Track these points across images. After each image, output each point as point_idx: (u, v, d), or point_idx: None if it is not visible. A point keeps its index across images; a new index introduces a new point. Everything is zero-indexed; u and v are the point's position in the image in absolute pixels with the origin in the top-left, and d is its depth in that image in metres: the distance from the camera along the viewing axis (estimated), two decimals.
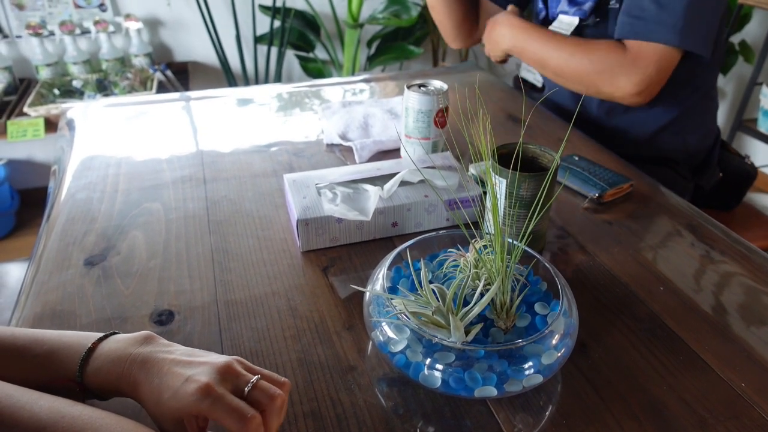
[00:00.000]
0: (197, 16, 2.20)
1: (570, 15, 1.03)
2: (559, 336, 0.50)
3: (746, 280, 0.67)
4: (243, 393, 0.42)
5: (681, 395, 0.52)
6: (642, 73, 0.92)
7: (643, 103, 0.96)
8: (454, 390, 0.48)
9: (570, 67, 0.98)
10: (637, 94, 0.93)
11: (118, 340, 0.46)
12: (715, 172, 1.18)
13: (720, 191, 1.22)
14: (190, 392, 0.41)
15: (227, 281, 0.66)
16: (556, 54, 0.98)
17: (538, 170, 0.63)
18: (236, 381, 0.43)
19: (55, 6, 2.10)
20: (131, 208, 0.79)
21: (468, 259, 0.55)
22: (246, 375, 0.43)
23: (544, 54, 1.00)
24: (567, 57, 0.97)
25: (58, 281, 0.66)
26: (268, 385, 0.43)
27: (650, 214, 0.79)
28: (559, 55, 0.98)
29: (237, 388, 0.43)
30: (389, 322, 0.51)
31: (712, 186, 1.18)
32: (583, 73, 0.96)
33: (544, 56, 1.01)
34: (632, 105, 0.97)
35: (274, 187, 0.84)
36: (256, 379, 0.43)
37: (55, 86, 2.04)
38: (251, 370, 0.45)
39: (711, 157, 1.17)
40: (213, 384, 0.41)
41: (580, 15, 1.02)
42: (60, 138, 1.02)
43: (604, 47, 0.95)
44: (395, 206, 0.71)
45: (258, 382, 0.43)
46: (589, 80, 0.96)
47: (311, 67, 2.38)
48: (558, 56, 0.98)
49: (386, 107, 1.05)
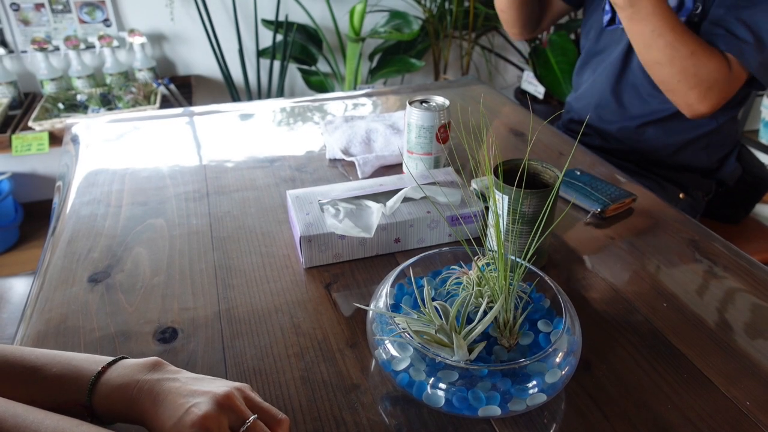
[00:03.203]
0: (200, 31, 2.22)
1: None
2: (562, 354, 0.49)
3: (749, 296, 0.67)
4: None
5: (685, 413, 0.52)
6: (729, 93, 0.94)
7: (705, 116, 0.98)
8: (457, 409, 0.48)
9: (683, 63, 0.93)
10: (710, 109, 0.96)
11: (126, 366, 0.46)
12: (737, 169, 1.19)
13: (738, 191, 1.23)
14: (189, 424, 0.41)
15: (230, 298, 0.66)
16: (679, 44, 0.92)
17: (541, 186, 0.63)
18: (234, 416, 0.43)
19: (60, 21, 2.13)
20: (135, 224, 0.79)
21: (471, 277, 0.56)
22: (244, 412, 0.44)
23: (669, 36, 0.92)
24: (688, 53, 0.92)
25: (63, 298, 0.66)
26: (262, 429, 0.44)
27: (653, 228, 0.79)
28: (681, 47, 0.92)
29: (235, 423, 0.43)
30: (392, 341, 0.51)
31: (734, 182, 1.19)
32: (691, 74, 0.93)
33: (666, 39, 0.93)
34: (695, 116, 0.98)
35: (276, 203, 0.84)
36: (253, 419, 0.43)
37: (59, 100, 2.06)
38: (251, 403, 0.45)
39: (730, 158, 1.18)
40: (211, 416, 0.41)
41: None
42: (65, 154, 1.03)
43: (718, 61, 0.93)
44: (398, 222, 0.71)
45: (254, 422, 0.43)
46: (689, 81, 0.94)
47: (313, 81, 2.39)
48: (679, 47, 0.92)
49: (388, 122, 1.05)
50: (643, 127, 1.12)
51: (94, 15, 2.14)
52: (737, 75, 0.94)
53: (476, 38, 2.48)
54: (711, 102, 0.95)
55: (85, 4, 2.12)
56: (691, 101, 0.96)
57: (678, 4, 0.99)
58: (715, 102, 0.95)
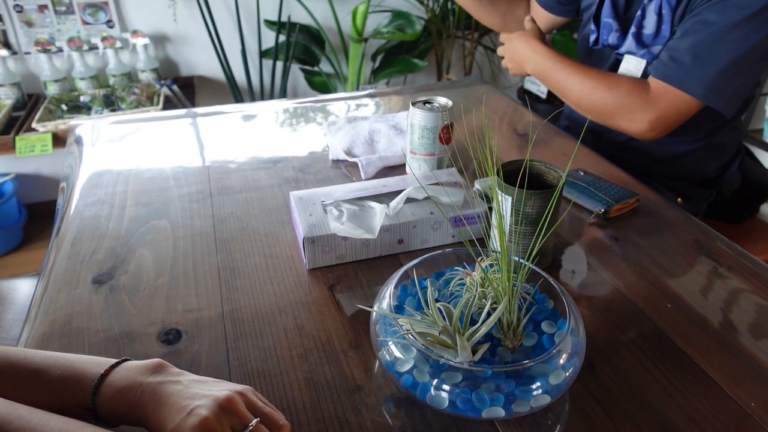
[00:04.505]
0: (203, 32, 2.22)
1: (638, 56, 1.04)
2: (566, 355, 0.49)
3: (754, 296, 0.67)
4: None
5: (690, 414, 0.52)
6: (658, 114, 0.94)
7: (654, 139, 0.98)
8: (461, 411, 0.48)
9: (591, 98, 1.00)
10: (650, 131, 0.96)
11: (129, 368, 0.46)
12: (736, 180, 1.19)
13: (737, 199, 1.22)
14: (190, 427, 0.41)
15: (234, 299, 0.66)
16: (579, 85, 1.00)
17: (544, 187, 0.63)
18: (235, 419, 0.43)
19: (64, 23, 2.13)
20: (139, 226, 0.79)
21: (474, 278, 0.55)
22: (246, 416, 0.44)
23: (567, 83, 1.02)
24: (590, 89, 0.99)
25: (67, 299, 0.66)
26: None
27: (656, 229, 0.79)
28: (582, 86, 1.00)
29: (237, 426, 0.43)
30: (396, 342, 0.51)
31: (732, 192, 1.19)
32: (602, 105, 0.98)
33: (567, 85, 1.02)
34: (643, 140, 0.99)
35: (280, 204, 0.84)
36: (254, 423, 0.43)
37: (63, 102, 2.06)
38: (253, 407, 0.45)
39: (731, 167, 1.17)
40: (212, 418, 0.41)
41: (648, 58, 1.02)
42: (69, 155, 1.03)
43: (627, 83, 0.97)
44: (401, 223, 0.71)
45: (256, 426, 0.43)
46: (607, 112, 0.99)
47: (316, 81, 2.40)
48: (581, 87, 1.00)
49: (391, 123, 1.05)
50: (633, 140, 1.11)
51: (97, 16, 2.15)
52: (667, 97, 0.93)
53: (479, 38, 2.48)
54: (646, 124, 0.95)
55: (88, 5, 2.12)
56: (626, 125, 0.98)
57: (655, 32, 1.01)
58: (652, 123, 0.95)
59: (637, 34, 1.02)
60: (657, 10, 0.99)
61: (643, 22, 1.01)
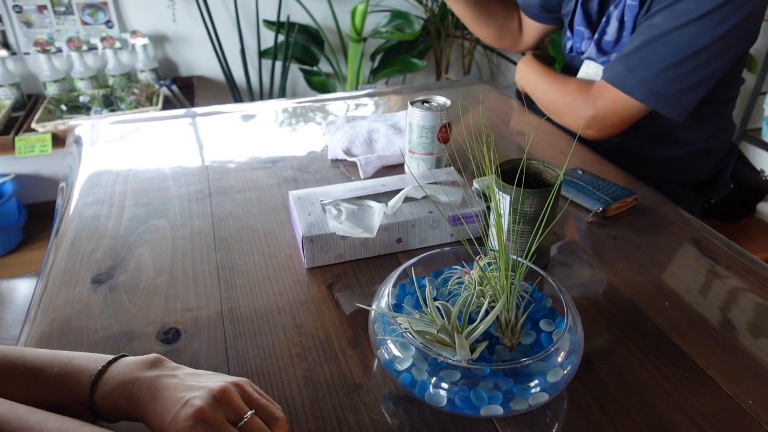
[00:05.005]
0: (202, 32, 2.22)
1: (597, 62, 1.07)
2: (564, 353, 0.50)
3: (752, 295, 0.67)
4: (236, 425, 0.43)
5: (688, 412, 0.52)
6: (595, 111, 0.97)
7: (596, 138, 1.02)
8: (459, 409, 0.48)
9: (547, 97, 1.08)
10: (588, 128, 1.00)
11: (127, 364, 0.46)
12: (727, 186, 1.18)
13: (730, 204, 1.22)
14: (185, 417, 0.41)
15: (233, 298, 0.66)
16: (541, 86, 1.09)
17: (542, 186, 0.63)
18: (230, 410, 0.43)
19: (63, 23, 2.13)
20: (138, 225, 0.79)
21: (473, 277, 0.56)
22: (240, 407, 0.44)
23: (535, 86, 1.11)
24: (546, 89, 1.08)
25: (66, 299, 0.66)
26: (259, 426, 0.44)
27: (655, 227, 0.79)
28: (542, 87, 1.09)
29: (232, 417, 0.43)
30: (395, 340, 0.51)
31: (723, 198, 1.19)
32: (553, 103, 1.05)
33: (534, 88, 1.11)
34: (586, 137, 1.03)
35: (279, 203, 0.85)
36: (249, 414, 0.43)
37: (62, 102, 2.07)
38: (249, 398, 0.45)
39: (723, 173, 1.17)
40: (207, 409, 0.41)
41: (606, 64, 1.03)
42: (68, 155, 1.03)
43: (574, 83, 1.04)
44: (400, 222, 0.71)
45: (250, 419, 0.43)
46: (556, 109, 1.05)
47: (315, 81, 2.40)
48: (542, 88, 1.09)
49: (390, 122, 1.05)
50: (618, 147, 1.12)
51: (96, 16, 2.15)
52: (605, 96, 0.95)
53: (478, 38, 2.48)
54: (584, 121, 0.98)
55: (87, 5, 2.12)
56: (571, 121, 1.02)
57: (616, 38, 1.04)
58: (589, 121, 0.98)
59: (598, 40, 1.06)
60: (619, 17, 1.01)
61: (606, 28, 1.04)
